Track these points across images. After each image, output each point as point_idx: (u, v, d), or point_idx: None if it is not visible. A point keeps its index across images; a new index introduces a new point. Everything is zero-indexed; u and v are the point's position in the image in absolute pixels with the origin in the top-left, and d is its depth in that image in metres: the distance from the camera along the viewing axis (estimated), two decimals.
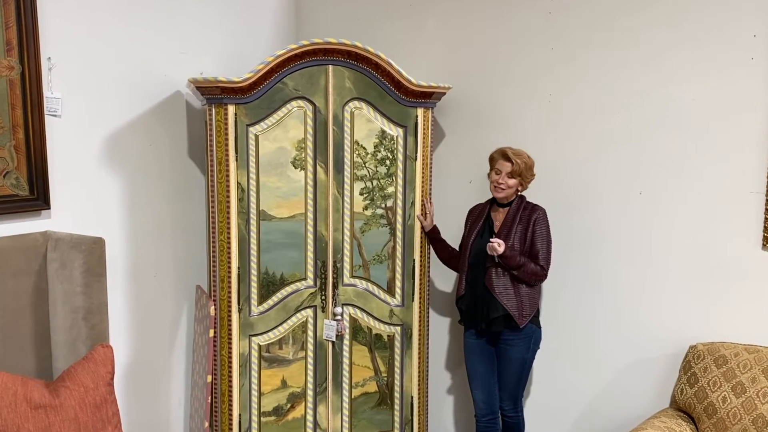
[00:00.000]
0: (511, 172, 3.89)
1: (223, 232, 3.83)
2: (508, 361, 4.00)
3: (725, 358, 3.60)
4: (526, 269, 3.84)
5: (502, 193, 3.94)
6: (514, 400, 4.06)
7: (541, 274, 3.89)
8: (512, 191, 3.93)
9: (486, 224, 4.02)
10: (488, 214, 4.04)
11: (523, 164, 3.88)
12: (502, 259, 3.82)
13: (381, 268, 4.16)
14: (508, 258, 3.81)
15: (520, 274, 3.85)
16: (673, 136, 3.83)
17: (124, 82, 3.84)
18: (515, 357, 3.97)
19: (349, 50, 3.86)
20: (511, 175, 3.89)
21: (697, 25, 3.71)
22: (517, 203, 3.96)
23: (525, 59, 4.23)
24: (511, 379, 4.02)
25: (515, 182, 3.90)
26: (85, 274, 3.33)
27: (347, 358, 4.17)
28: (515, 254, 3.83)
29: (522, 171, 3.89)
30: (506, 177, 3.90)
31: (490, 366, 4.07)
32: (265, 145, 3.84)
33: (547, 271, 3.91)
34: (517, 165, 3.88)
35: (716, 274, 3.78)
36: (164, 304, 4.20)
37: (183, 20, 4.11)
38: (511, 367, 4.00)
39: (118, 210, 3.88)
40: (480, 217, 4.06)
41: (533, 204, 3.96)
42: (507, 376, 4.02)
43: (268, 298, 3.98)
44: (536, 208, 3.94)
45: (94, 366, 3.26)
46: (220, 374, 3.95)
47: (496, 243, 3.78)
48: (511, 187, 3.91)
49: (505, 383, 4.04)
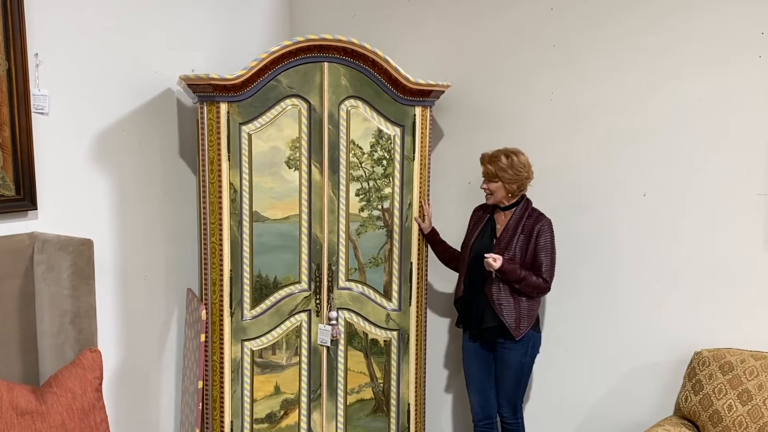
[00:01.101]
0: (486, 175, 3.89)
1: (215, 234, 3.83)
2: (505, 366, 3.99)
3: (731, 365, 3.60)
4: (528, 282, 3.82)
5: (490, 199, 3.93)
6: (512, 405, 4.06)
7: (543, 287, 3.87)
8: (502, 195, 3.89)
9: (488, 226, 4.02)
10: (492, 216, 4.04)
11: (495, 167, 3.82)
12: (500, 274, 3.80)
13: (377, 271, 4.16)
14: (507, 272, 3.78)
15: (522, 287, 3.83)
16: (678, 137, 3.83)
17: (114, 78, 3.84)
18: (513, 362, 3.97)
19: (345, 47, 3.86)
20: (489, 180, 3.88)
21: (704, 22, 3.71)
22: (521, 209, 3.92)
23: (526, 56, 4.23)
24: (509, 385, 4.01)
25: (497, 186, 3.86)
26: (73, 276, 3.33)
27: (342, 364, 4.17)
28: (515, 268, 3.80)
29: (498, 173, 3.82)
30: (486, 182, 3.90)
31: (486, 369, 4.08)
32: (258, 144, 3.84)
33: (550, 285, 3.89)
34: (487, 169, 3.87)
35: (722, 278, 3.78)
36: (154, 308, 4.20)
37: (174, 15, 4.11)
38: (508, 372, 3.99)
39: (107, 211, 3.87)
40: (483, 219, 4.06)
41: (539, 212, 3.93)
42: (504, 381, 4.02)
43: (261, 302, 3.97)
44: (541, 217, 3.91)
45: (82, 371, 3.26)
46: (212, 380, 3.95)
47: (491, 258, 3.76)
48: (494, 192, 3.88)
49: (502, 388, 4.04)
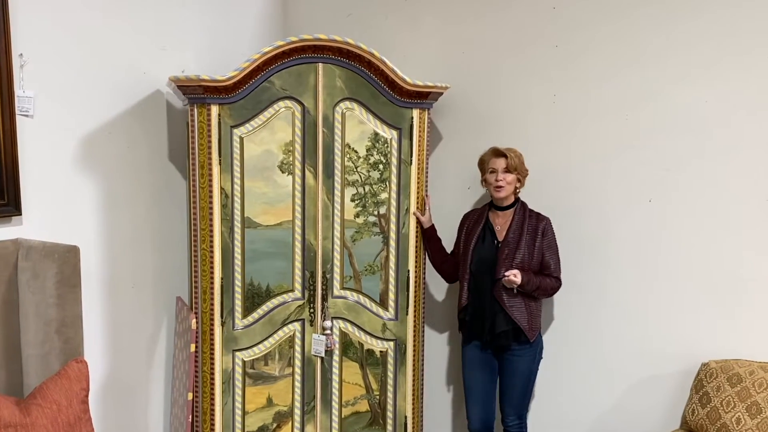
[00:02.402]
0: (506, 167, 3.93)
1: (206, 241, 3.82)
2: (514, 373, 4.01)
3: (740, 377, 3.60)
4: (544, 287, 3.92)
5: (502, 192, 3.95)
6: (519, 414, 4.08)
7: (557, 286, 3.99)
8: (512, 189, 3.96)
9: (486, 229, 4.04)
10: (487, 218, 4.05)
11: (516, 158, 3.94)
12: (520, 288, 3.85)
13: (373, 279, 4.16)
14: (527, 284, 3.85)
15: (539, 293, 3.92)
16: (685, 140, 3.83)
17: (101, 79, 3.83)
18: (522, 369, 4.00)
19: (341, 47, 3.86)
20: (507, 170, 3.93)
21: (712, 20, 3.71)
22: (520, 210, 3.99)
23: (528, 57, 4.23)
24: (517, 393, 4.04)
25: (513, 177, 3.94)
26: (59, 284, 3.33)
27: (337, 375, 4.16)
28: (531, 277, 3.87)
29: (517, 165, 3.94)
30: (503, 173, 3.92)
31: (490, 380, 4.09)
32: (250, 147, 3.84)
33: (561, 280, 3.99)
34: (511, 159, 3.92)
35: (730, 286, 3.78)
36: (142, 317, 4.19)
37: (164, 14, 4.11)
38: (518, 380, 4.01)
39: (94, 216, 3.87)
40: (479, 222, 4.07)
41: (537, 212, 4.00)
42: (513, 389, 4.03)
43: (253, 311, 3.97)
44: (541, 217, 3.99)
45: (68, 382, 3.26)
46: (202, 392, 3.94)
47: (512, 275, 3.81)
48: (510, 183, 3.95)
49: (510, 398, 4.05)
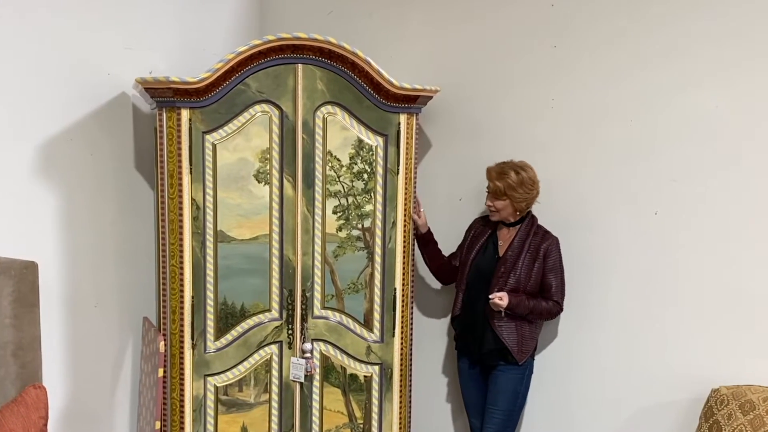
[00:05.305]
0: (493, 192, 3.92)
1: (175, 256, 3.82)
2: (498, 391, 4.02)
3: (752, 404, 3.59)
4: (537, 310, 3.92)
5: (494, 216, 3.99)
6: None
7: (555, 311, 3.99)
8: (509, 213, 3.95)
9: (490, 241, 4.06)
10: (494, 231, 4.08)
11: (504, 184, 3.89)
12: (509, 311, 3.87)
13: (357, 298, 4.16)
14: (516, 307, 3.87)
15: (533, 317, 3.93)
16: (693, 148, 3.83)
17: (61, 81, 3.84)
18: (507, 388, 4.01)
19: (322, 47, 3.87)
20: (496, 197, 3.91)
21: (722, 21, 3.71)
22: (526, 227, 3.99)
23: (524, 58, 4.24)
24: (499, 413, 4.02)
25: (503, 204, 3.93)
26: (15, 303, 3.35)
27: (317, 402, 4.16)
28: (521, 300, 3.88)
29: (506, 191, 3.89)
30: (492, 198, 3.92)
31: (484, 394, 4.11)
32: (224, 155, 3.84)
33: (562, 305, 3.99)
34: (495, 186, 3.91)
35: (742, 306, 3.78)
36: (106, 339, 4.19)
37: (130, 10, 4.11)
38: (501, 398, 4.01)
39: (54, 230, 3.87)
40: (484, 233, 4.11)
41: (545, 230, 4.01)
42: (495, 407, 4.02)
43: (226, 333, 3.96)
44: (547, 235, 3.99)
45: (25, 410, 3.26)
46: (171, 420, 3.93)
47: (497, 298, 3.83)
48: (500, 210, 3.94)
49: (491, 416, 4.03)
